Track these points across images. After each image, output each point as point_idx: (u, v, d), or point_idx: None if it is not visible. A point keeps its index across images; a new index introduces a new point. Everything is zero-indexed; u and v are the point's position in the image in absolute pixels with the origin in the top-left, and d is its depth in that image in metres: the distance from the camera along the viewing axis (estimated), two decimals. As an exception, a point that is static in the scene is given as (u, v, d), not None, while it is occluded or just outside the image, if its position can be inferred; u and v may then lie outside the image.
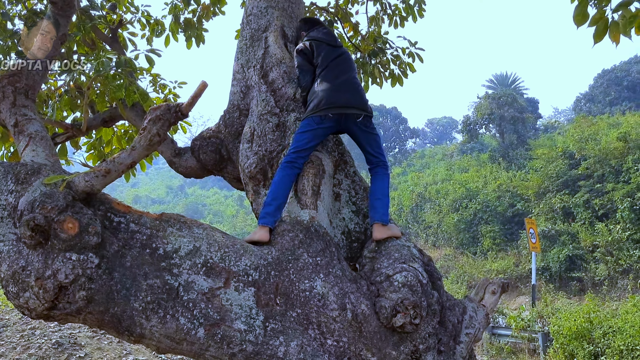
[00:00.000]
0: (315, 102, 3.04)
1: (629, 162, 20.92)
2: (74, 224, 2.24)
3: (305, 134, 3.00)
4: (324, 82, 3.12)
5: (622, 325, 9.04)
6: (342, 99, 3.06)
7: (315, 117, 3.00)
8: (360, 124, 3.10)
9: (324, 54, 3.25)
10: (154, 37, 5.30)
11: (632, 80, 40.43)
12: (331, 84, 3.09)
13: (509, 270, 21.72)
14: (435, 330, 2.65)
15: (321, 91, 3.07)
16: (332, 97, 3.03)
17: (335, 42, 3.38)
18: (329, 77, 3.14)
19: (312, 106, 3.05)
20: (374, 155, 3.17)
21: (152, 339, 2.34)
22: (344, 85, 3.12)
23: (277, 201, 2.86)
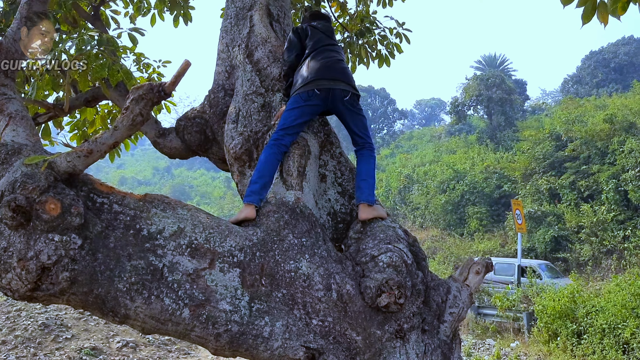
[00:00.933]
0: (302, 79, 3.02)
1: (615, 144, 21.15)
2: (56, 204, 2.21)
3: (292, 111, 2.97)
4: (312, 61, 3.09)
5: (605, 305, 9.21)
6: (329, 75, 3.03)
7: (302, 93, 2.97)
8: (348, 103, 3.07)
9: (316, 39, 3.22)
10: (139, 15, 5.20)
11: (619, 62, 40.66)
12: (319, 63, 3.07)
13: (495, 251, 22.02)
14: (419, 310, 2.67)
15: (308, 69, 3.04)
16: (319, 73, 3.00)
17: (332, 35, 3.36)
18: (317, 58, 3.11)
19: (299, 83, 3.02)
20: (360, 137, 3.15)
21: (136, 319, 2.33)
22: (331, 64, 3.10)
23: (262, 179, 2.84)
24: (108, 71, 3.21)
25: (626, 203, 19.31)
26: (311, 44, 3.20)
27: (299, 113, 2.97)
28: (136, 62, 4.91)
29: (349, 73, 3.17)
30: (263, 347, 2.34)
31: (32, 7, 2.49)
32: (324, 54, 3.14)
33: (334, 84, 3.01)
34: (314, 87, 2.97)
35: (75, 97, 3.93)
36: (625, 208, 19.27)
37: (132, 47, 4.42)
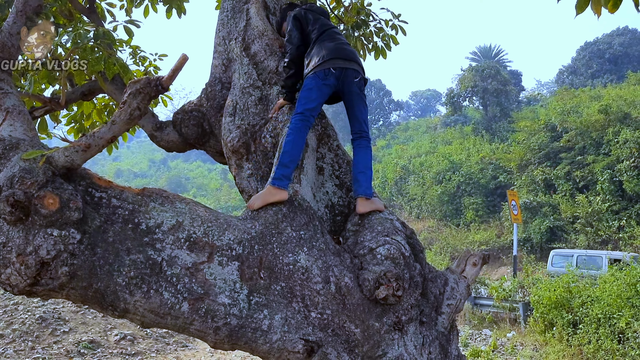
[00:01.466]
0: (317, 58, 2.99)
1: (610, 135, 21.22)
2: (55, 199, 2.21)
3: (311, 90, 2.95)
4: (325, 42, 3.08)
5: (600, 295, 9.28)
6: (343, 55, 3.03)
7: (319, 72, 2.96)
8: (357, 85, 3.08)
9: (319, 23, 3.21)
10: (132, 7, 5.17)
11: (614, 53, 40.68)
12: (332, 44, 3.07)
13: (491, 242, 22.13)
14: (417, 302, 2.69)
15: (322, 48, 3.02)
16: (334, 53, 3.00)
17: (328, 16, 3.37)
18: (329, 40, 3.10)
19: (315, 62, 2.99)
20: (361, 123, 3.12)
21: (136, 313, 2.34)
22: (344, 46, 3.11)
23: (294, 163, 2.81)
24: (104, 64, 3.20)
25: (621, 193, 19.43)
26: (316, 28, 3.18)
27: (318, 92, 2.96)
28: (132, 55, 4.90)
29: (357, 56, 3.19)
30: (262, 340, 2.36)
31: (28, 1, 2.48)
32: (334, 37, 3.14)
33: (348, 64, 3.03)
34: (330, 65, 2.96)
35: (71, 90, 3.91)
36: (620, 198, 19.39)
37: (128, 39, 4.41)
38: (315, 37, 3.15)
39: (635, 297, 8.79)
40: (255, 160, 3.23)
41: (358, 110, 3.13)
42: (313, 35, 3.17)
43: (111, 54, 3.21)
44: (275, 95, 3.29)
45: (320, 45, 3.07)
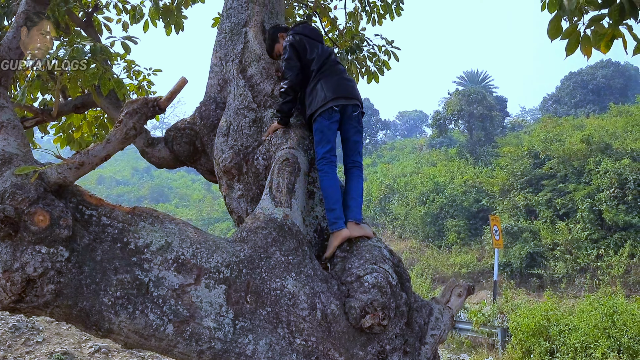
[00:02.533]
0: (320, 98, 3.08)
1: (591, 164, 21.58)
2: (45, 216, 2.20)
3: (323, 133, 3.06)
4: (327, 77, 3.15)
5: (578, 324, 9.37)
6: (345, 93, 3.13)
7: (324, 113, 3.07)
8: (355, 118, 3.17)
9: (317, 52, 3.25)
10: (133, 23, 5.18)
11: (597, 84, 41.56)
12: (333, 81, 3.15)
13: (472, 265, 22.22)
14: (402, 331, 2.70)
15: (325, 86, 3.11)
16: (337, 91, 3.10)
17: (322, 39, 3.40)
18: (329, 73, 3.18)
19: (318, 102, 3.08)
20: (357, 154, 3.22)
21: (120, 334, 2.32)
22: (344, 82, 3.19)
23: (338, 202, 2.94)
24: (99, 80, 3.20)
25: (600, 222, 19.69)
26: (315, 58, 3.22)
27: (330, 133, 3.07)
28: (127, 69, 4.89)
29: (357, 89, 3.27)
30: (247, 366, 2.35)
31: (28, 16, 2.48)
32: (334, 69, 3.21)
33: (349, 101, 3.13)
34: (333, 105, 3.07)
35: (64, 102, 3.90)
36: (599, 227, 19.64)
37: (123, 54, 4.41)
38: (317, 70, 3.19)
39: (611, 328, 8.89)
40: (246, 182, 3.24)
41: (354, 141, 3.22)
42: (313, 66, 3.20)
43: (107, 70, 3.21)
44: (270, 117, 3.31)
45: (323, 82, 3.13)
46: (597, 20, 3.00)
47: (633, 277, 17.10)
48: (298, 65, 3.20)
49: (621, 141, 22.82)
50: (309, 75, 3.21)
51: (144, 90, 5.02)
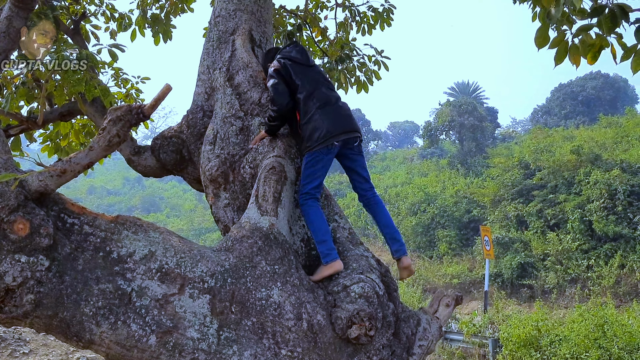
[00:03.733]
0: (319, 132, 2.98)
1: (581, 175, 21.70)
2: (25, 224, 2.16)
3: (315, 168, 3.00)
4: (324, 111, 3.04)
5: (569, 334, 9.35)
6: (343, 125, 3.05)
7: (323, 149, 2.99)
8: (356, 148, 3.16)
9: (302, 75, 3.15)
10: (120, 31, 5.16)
11: (586, 96, 41.95)
12: (332, 114, 3.05)
13: (463, 275, 22.20)
14: (389, 342, 2.68)
15: (320, 121, 3.00)
16: (334, 125, 3.01)
17: (309, 61, 3.29)
18: (326, 105, 3.07)
19: (316, 138, 2.98)
20: (366, 179, 3.22)
21: (101, 345, 2.28)
22: (339, 110, 3.11)
23: (327, 234, 2.89)
24: (85, 86, 3.17)
25: (590, 233, 19.75)
26: (300, 83, 3.11)
27: (322, 168, 3.02)
28: (114, 77, 4.86)
29: (355, 119, 3.22)
30: (231, 377, 2.31)
31: (12, 22, 2.46)
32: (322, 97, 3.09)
33: (351, 134, 3.07)
34: (334, 141, 3.00)
35: (50, 110, 3.86)
36: (589, 238, 19.70)
37: (110, 61, 4.39)
38: (308, 97, 3.08)
39: (602, 339, 8.88)
40: (232, 190, 3.22)
41: (361, 168, 3.21)
42: (303, 92, 3.09)
43: (93, 77, 3.19)
44: (257, 126, 3.29)
45: (322, 115, 3.02)
46: (585, 30, 3.02)
47: (623, 288, 17.15)
48: (287, 90, 3.10)
49: (611, 152, 23.00)
50: (297, 101, 3.11)
51: (132, 98, 5.00)
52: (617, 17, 2.67)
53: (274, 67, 3.18)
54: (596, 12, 2.78)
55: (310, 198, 2.97)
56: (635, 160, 20.90)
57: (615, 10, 2.68)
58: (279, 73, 3.14)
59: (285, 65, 3.16)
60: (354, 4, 6.39)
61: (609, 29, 2.73)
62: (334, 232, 3.06)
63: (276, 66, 3.17)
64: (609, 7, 2.71)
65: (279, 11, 5.82)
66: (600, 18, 2.74)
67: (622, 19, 2.68)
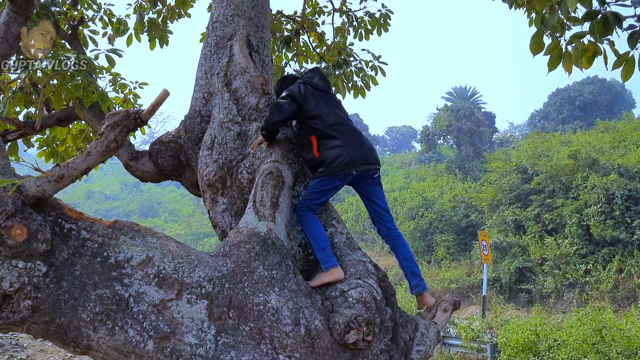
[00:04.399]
0: (340, 160, 2.98)
1: (578, 179, 21.73)
2: (23, 230, 2.16)
3: (325, 192, 3.03)
4: (343, 139, 3.05)
5: (567, 339, 9.35)
6: (366, 156, 3.07)
7: (339, 174, 3.00)
8: (377, 179, 3.17)
9: (323, 102, 3.15)
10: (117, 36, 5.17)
11: (583, 101, 42.10)
12: (346, 140, 3.05)
13: (462, 280, 22.18)
14: (387, 347, 2.67)
15: (344, 149, 3.01)
16: (354, 154, 3.02)
17: (330, 89, 3.30)
18: (339, 131, 3.07)
19: (338, 164, 2.98)
20: (386, 210, 3.20)
21: (99, 350, 2.28)
22: (359, 141, 3.10)
23: (326, 242, 2.91)
24: (83, 92, 3.17)
25: (588, 237, 19.77)
26: (327, 112, 3.11)
27: (332, 191, 3.06)
28: (112, 82, 4.86)
29: (376, 151, 3.23)
30: (228, 383, 2.30)
31: (9, 28, 2.46)
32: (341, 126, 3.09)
33: (370, 166, 3.08)
34: (353, 170, 3.01)
35: (47, 115, 3.86)
36: (587, 242, 19.72)
37: (108, 67, 4.39)
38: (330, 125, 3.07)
39: (600, 343, 8.88)
40: (230, 195, 3.22)
41: (378, 198, 3.21)
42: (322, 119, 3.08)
43: (91, 82, 3.19)
44: (254, 131, 3.30)
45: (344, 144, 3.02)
46: (579, 38, 3.04)
47: (621, 292, 17.16)
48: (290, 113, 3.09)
49: (608, 157, 23.05)
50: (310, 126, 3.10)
51: (130, 104, 5.00)
52: (609, 23, 2.69)
53: (290, 91, 3.15)
54: (589, 16, 2.80)
55: (310, 211, 2.99)
56: (633, 165, 20.96)
57: (608, 17, 2.70)
58: (294, 97, 3.12)
59: (304, 91, 3.15)
60: (351, 10, 6.41)
61: (600, 34, 2.75)
62: (332, 237, 3.07)
63: (293, 91, 3.15)
64: (602, 14, 2.73)
65: (277, 16, 5.84)
66: (593, 23, 2.76)
67: (615, 25, 2.69)
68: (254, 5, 3.89)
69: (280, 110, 3.08)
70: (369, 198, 3.21)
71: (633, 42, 2.87)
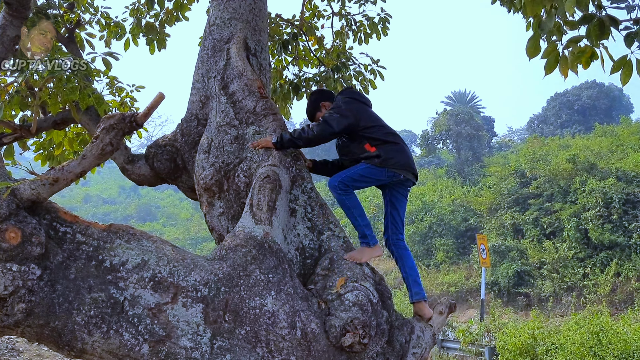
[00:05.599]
0: (396, 160, 3.14)
1: (577, 184, 21.76)
2: (17, 233, 2.15)
3: (370, 179, 3.18)
4: (397, 141, 3.22)
5: (564, 342, 9.35)
6: (413, 166, 3.25)
7: (390, 171, 3.13)
8: (408, 190, 3.34)
9: (374, 116, 3.30)
10: (113, 39, 5.17)
11: (582, 105, 42.19)
12: (403, 147, 3.23)
13: (460, 284, 22.19)
14: (383, 350, 2.67)
15: (399, 153, 3.17)
16: (407, 160, 3.20)
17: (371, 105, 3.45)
18: (397, 139, 3.24)
19: (393, 163, 3.12)
20: (403, 221, 3.34)
21: (93, 354, 2.27)
22: (409, 152, 3.32)
23: (367, 219, 3.15)
24: (79, 95, 3.17)
25: (586, 241, 19.79)
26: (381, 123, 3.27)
27: (374, 181, 3.22)
28: (109, 85, 4.85)
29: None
30: (223, 387, 2.29)
31: (6, 31, 2.46)
32: (402, 141, 3.29)
33: (412, 177, 3.26)
34: (404, 174, 3.18)
35: (43, 118, 3.86)
36: (585, 246, 19.74)
37: (105, 70, 4.38)
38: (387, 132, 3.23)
39: (597, 347, 8.87)
40: (227, 199, 3.21)
41: (402, 211, 3.34)
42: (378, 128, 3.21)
43: (87, 85, 3.19)
44: (252, 135, 3.29)
45: (399, 150, 3.19)
46: (575, 42, 3.04)
47: (619, 296, 17.16)
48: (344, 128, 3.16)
49: (606, 161, 23.09)
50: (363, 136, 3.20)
51: (127, 107, 5.00)
52: (605, 27, 2.69)
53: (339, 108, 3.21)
54: (585, 20, 2.81)
55: (350, 189, 3.12)
56: (631, 169, 20.99)
57: (604, 20, 2.70)
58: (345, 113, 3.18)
59: (356, 106, 3.26)
60: (351, 13, 6.42)
61: (597, 37, 2.76)
62: (329, 241, 3.06)
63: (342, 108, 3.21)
64: (598, 17, 2.73)
65: (275, 20, 5.84)
66: (589, 27, 2.77)
67: (610, 29, 2.70)
68: (252, 9, 3.89)
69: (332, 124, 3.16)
70: (394, 205, 3.33)
71: (630, 42, 2.88)
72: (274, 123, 3.32)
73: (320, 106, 3.46)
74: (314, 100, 3.51)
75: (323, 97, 3.51)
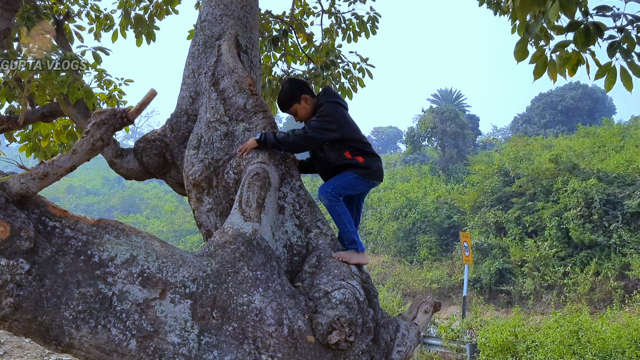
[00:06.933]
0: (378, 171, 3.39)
1: (559, 183, 22.06)
2: (5, 227, 2.15)
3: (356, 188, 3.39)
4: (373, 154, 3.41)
5: (544, 340, 9.51)
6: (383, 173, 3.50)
7: (371, 182, 3.40)
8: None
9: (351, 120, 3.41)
10: (102, 31, 5.12)
11: (565, 106, 42.70)
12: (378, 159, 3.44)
13: (443, 280, 22.39)
14: (368, 348, 2.70)
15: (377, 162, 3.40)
16: (382, 171, 3.47)
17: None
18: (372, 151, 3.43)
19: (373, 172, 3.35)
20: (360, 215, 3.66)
21: (81, 349, 2.27)
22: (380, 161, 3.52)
23: (354, 227, 3.28)
24: (68, 88, 3.15)
25: (567, 240, 20.09)
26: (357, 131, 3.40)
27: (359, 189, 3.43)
28: (97, 78, 4.80)
29: None
30: (211, 383, 2.31)
31: (-5, 23, 2.44)
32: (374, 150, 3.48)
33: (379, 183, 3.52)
34: (377, 182, 3.44)
35: (31, 111, 3.82)
36: (566, 245, 20.03)
37: (94, 63, 4.34)
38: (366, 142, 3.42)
39: (576, 345, 9.04)
40: (216, 195, 3.22)
41: (361, 206, 3.65)
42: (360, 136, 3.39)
43: (76, 79, 3.17)
44: (241, 132, 3.30)
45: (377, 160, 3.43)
46: (562, 47, 3.10)
47: (598, 295, 17.46)
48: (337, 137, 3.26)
49: (588, 161, 23.44)
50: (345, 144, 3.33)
51: (115, 100, 4.96)
52: (591, 34, 2.75)
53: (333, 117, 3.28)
54: (572, 27, 2.86)
55: (340, 197, 3.27)
56: (612, 170, 21.33)
57: (590, 27, 2.76)
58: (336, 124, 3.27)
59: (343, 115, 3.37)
60: (340, 11, 6.44)
61: (583, 44, 2.82)
62: (317, 239, 3.09)
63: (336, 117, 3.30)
64: (584, 24, 2.79)
65: (265, 16, 5.83)
66: (576, 33, 2.82)
67: (597, 36, 2.76)
68: (243, 6, 3.89)
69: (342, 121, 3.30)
70: (358, 209, 3.61)
71: (612, 52, 2.95)
72: (264, 120, 3.33)
73: (301, 99, 3.38)
74: (293, 90, 3.40)
75: (304, 90, 3.42)
